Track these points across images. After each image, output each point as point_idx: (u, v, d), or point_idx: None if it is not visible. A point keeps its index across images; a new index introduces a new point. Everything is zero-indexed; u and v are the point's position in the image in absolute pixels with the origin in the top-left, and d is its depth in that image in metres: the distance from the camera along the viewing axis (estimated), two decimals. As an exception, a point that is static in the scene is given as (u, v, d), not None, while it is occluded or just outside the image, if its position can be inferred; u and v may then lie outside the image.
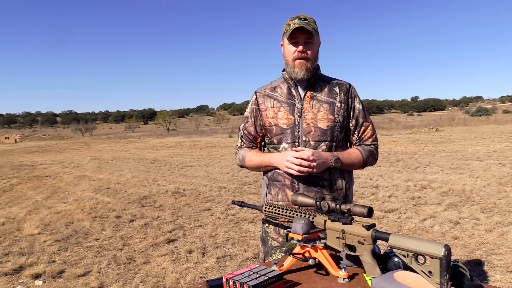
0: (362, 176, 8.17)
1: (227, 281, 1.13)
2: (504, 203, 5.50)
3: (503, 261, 3.52)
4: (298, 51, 1.60)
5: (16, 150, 25.60)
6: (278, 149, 1.66)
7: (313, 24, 1.60)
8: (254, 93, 1.76)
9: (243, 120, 1.78)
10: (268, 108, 1.69)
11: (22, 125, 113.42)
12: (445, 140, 16.47)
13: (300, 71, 1.61)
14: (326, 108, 1.63)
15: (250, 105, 1.76)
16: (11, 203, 7.38)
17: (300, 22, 1.57)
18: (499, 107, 62.81)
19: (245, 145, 1.77)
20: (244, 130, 1.77)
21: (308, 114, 1.62)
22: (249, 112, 1.76)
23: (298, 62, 1.61)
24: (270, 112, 1.68)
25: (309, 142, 1.61)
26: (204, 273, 3.60)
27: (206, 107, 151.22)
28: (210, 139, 26.77)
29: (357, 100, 1.70)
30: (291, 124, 1.63)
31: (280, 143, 1.65)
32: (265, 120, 1.69)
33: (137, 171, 11.33)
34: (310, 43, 1.61)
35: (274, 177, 1.67)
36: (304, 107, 1.64)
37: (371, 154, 1.71)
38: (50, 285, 3.48)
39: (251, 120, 1.75)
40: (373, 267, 1.12)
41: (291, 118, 1.63)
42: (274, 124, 1.66)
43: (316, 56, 1.65)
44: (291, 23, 1.59)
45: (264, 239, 1.74)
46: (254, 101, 1.74)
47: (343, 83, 1.70)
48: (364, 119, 1.71)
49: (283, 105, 1.66)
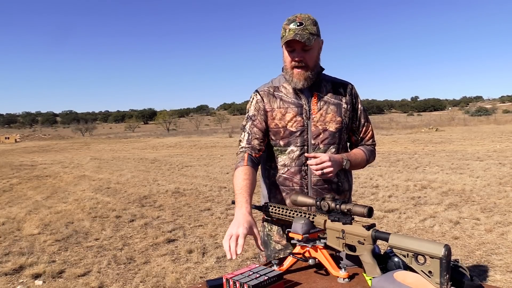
0: (362, 176, 8.17)
1: (227, 281, 1.13)
2: (504, 203, 5.50)
3: (503, 261, 3.52)
4: (295, 60, 1.51)
5: (16, 150, 25.59)
6: (285, 152, 1.58)
7: (310, 28, 1.47)
8: (256, 92, 1.65)
9: (249, 119, 1.63)
10: (275, 109, 1.59)
11: (22, 125, 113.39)
12: (445, 140, 16.47)
13: (299, 81, 1.53)
14: (333, 110, 1.57)
15: (255, 103, 1.62)
16: (11, 203, 7.37)
17: (295, 28, 1.45)
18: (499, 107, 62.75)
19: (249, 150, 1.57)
20: (253, 128, 1.60)
21: (315, 116, 1.56)
22: (255, 110, 1.62)
23: (296, 72, 1.52)
24: (276, 113, 1.58)
25: (318, 145, 1.55)
26: (204, 273, 3.60)
27: (206, 107, 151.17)
28: (210, 139, 26.77)
29: (359, 100, 1.67)
30: (300, 126, 1.55)
31: (287, 146, 1.58)
32: (270, 121, 1.59)
33: (137, 171, 11.33)
34: (308, 49, 1.49)
35: (280, 182, 1.60)
36: (312, 108, 1.56)
37: (372, 153, 1.71)
38: (50, 285, 3.48)
39: (260, 118, 1.60)
40: (373, 267, 1.12)
41: (300, 120, 1.55)
42: (282, 126, 1.57)
43: (317, 61, 1.56)
44: (287, 29, 1.47)
45: (266, 242, 1.69)
46: (260, 100, 1.61)
47: (345, 83, 1.65)
48: (365, 120, 1.69)
49: (290, 106, 1.57)
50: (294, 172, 1.57)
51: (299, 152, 1.56)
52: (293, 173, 1.58)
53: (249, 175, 1.49)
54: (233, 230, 1.28)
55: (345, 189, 1.63)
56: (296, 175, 1.57)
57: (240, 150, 1.61)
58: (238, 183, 1.46)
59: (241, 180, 1.47)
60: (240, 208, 1.39)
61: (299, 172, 1.57)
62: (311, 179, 1.56)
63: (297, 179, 1.57)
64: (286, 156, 1.58)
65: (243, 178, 1.47)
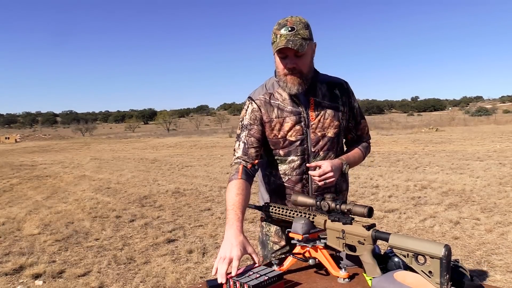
0: (362, 176, 8.17)
1: (227, 281, 1.13)
2: (504, 203, 5.50)
3: (503, 261, 3.52)
4: (288, 68, 1.46)
5: (16, 150, 25.60)
6: (285, 161, 1.56)
7: (302, 32, 1.40)
8: (251, 100, 1.58)
9: (244, 128, 1.57)
10: (273, 119, 1.54)
11: (22, 125, 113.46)
12: (445, 140, 16.47)
13: (293, 87, 1.48)
14: (331, 114, 1.55)
15: (251, 112, 1.56)
16: (11, 203, 7.38)
17: (286, 34, 1.38)
18: (499, 107, 62.82)
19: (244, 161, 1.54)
20: (250, 138, 1.55)
21: (314, 123, 1.53)
22: (251, 119, 1.56)
23: (290, 78, 1.47)
24: (275, 124, 1.54)
25: (318, 152, 1.54)
26: (204, 273, 3.60)
27: (206, 107, 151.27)
28: (210, 139, 26.77)
29: (353, 98, 1.64)
30: (299, 135, 1.53)
31: (288, 156, 1.56)
32: (269, 132, 1.55)
33: (137, 171, 11.33)
34: (301, 55, 1.44)
35: (281, 190, 1.60)
36: (310, 115, 1.53)
37: (367, 149, 1.71)
38: (50, 285, 3.49)
39: (256, 128, 1.55)
40: (373, 267, 1.12)
41: (299, 128, 1.52)
42: (281, 136, 1.54)
43: (310, 66, 1.51)
44: (278, 34, 1.40)
45: (264, 242, 1.71)
46: (256, 109, 1.56)
47: (340, 82, 1.61)
48: (361, 117, 1.68)
49: (288, 116, 1.53)
50: (295, 181, 1.57)
51: (299, 161, 1.55)
52: (294, 182, 1.57)
53: (243, 189, 1.42)
54: (226, 253, 1.21)
55: (342, 189, 1.64)
56: (297, 183, 1.57)
57: (234, 161, 1.57)
58: (231, 199, 1.39)
59: (233, 195, 1.40)
60: (231, 226, 1.30)
61: (300, 180, 1.57)
62: (312, 186, 1.56)
63: (298, 188, 1.57)
64: (287, 165, 1.57)
65: (236, 193, 1.40)
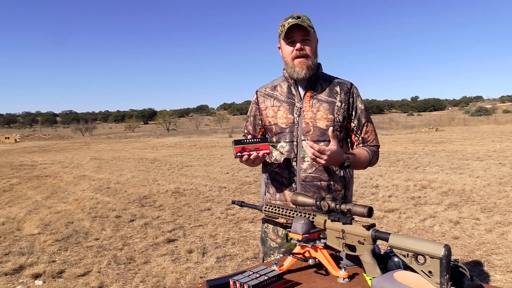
0: (362, 176, 8.17)
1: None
2: (504, 203, 5.50)
3: (503, 261, 3.52)
4: (296, 49, 1.57)
5: (16, 150, 25.60)
6: (276, 147, 1.66)
7: (307, 21, 1.58)
8: (255, 92, 1.77)
9: (247, 117, 1.81)
10: (268, 107, 1.69)
11: (22, 125, 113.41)
12: (445, 140, 16.47)
13: (301, 70, 1.58)
14: (325, 108, 1.61)
15: (252, 103, 1.78)
16: (11, 203, 7.38)
17: (294, 20, 1.55)
18: (499, 107, 62.76)
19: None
20: (245, 129, 1.81)
21: (307, 114, 1.61)
22: (250, 110, 1.78)
23: (298, 61, 1.58)
24: (269, 111, 1.68)
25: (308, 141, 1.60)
26: (204, 273, 3.60)
27: (206, 107, 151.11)
28: (210, 139, 26.77)
29: (359, 100, 1.68)
30: (290, 123, 1.62)
31: (278, 142, 1.65)
32: (265, 119, 1.70)
33: (137, 171, 11.33)
34: (307, 39, 1.58)
35: (273, 177, 1.68)
36: (304, 106, 1.62)
37: (375, 154, 1.71)
38: (50, 285, 3.48)
39: (250, 119, 1.78)
40: (373, 267, 1.12)
41: (290, 117, 1.63)
42: (274, 123, 1.66)
43: (315, 52, 1.63)
44: (285, 23, 1.57)
45: (263, 239, 1.75)
46: (255, 100, 1.75)
47: (344, 82, 1.68)
48: (366, 120, 1.69)
49: (282, 104, 1.66)
50: (283, 167, 1.64)
51: (288, 147, 1.62)
52: (282, 168, 1.64)
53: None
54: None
55: (337, 189, 1.62)
56: (284, 170, 1.64)
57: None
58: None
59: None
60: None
61: (288, 167, 1.62)
62: (300, 174, 1.60)
63: (286, 174, 1.63)
64: (278, 151, 1.66)
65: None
